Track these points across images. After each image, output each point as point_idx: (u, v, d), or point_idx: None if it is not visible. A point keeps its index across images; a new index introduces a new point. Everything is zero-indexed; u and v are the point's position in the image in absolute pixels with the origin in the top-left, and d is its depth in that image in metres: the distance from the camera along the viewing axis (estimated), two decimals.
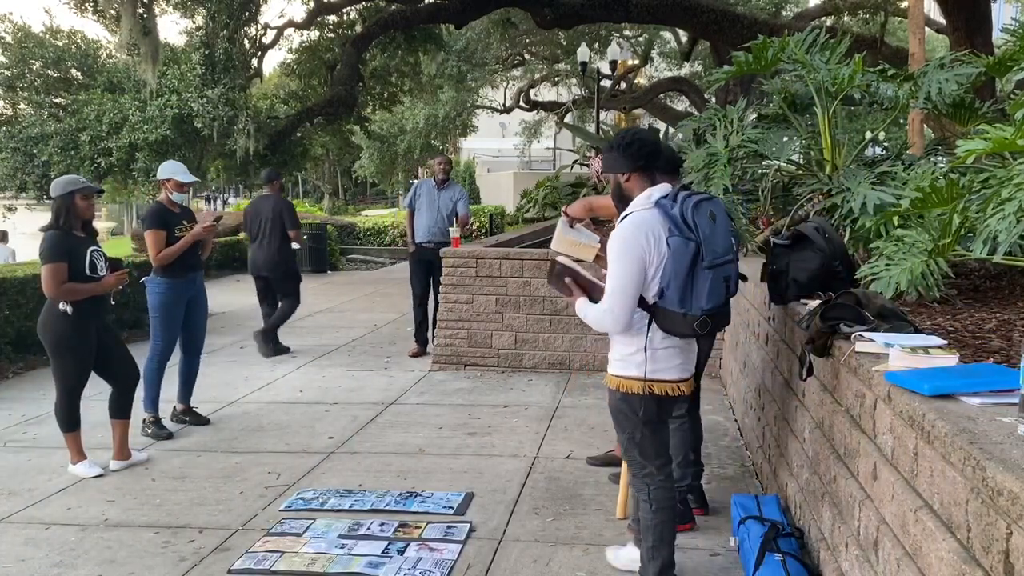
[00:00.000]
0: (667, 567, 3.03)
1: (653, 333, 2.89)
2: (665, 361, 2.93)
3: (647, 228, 2.82)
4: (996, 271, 4.00)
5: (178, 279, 5.38)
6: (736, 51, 4.75)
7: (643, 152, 2.93)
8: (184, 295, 5.44)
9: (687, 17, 13.47)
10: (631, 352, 2.94)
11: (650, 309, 2.87)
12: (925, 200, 2.91)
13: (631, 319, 2.87)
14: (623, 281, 2.82)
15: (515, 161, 38.06)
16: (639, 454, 3.04)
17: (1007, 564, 1.61)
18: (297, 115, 15.72)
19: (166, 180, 5.41)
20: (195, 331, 5.60)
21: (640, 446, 3.03)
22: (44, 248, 4.47)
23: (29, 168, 15.37)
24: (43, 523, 4.02)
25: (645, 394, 2.93)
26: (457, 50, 20.94)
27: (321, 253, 15.53)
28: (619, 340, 2.98)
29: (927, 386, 2.14)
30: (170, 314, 5.38)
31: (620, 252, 2.83)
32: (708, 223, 2.79)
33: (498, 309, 7.09)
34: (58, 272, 4.41)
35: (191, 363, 5.65)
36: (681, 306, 2.80)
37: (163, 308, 5.35)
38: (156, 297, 5.35)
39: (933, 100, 4.20)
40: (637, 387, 2.93)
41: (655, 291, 2.84)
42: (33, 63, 18.28)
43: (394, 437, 5.31)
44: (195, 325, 5.58)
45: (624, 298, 2.83)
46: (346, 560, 3.54)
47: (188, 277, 5.44)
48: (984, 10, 9.08)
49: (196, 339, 5.62)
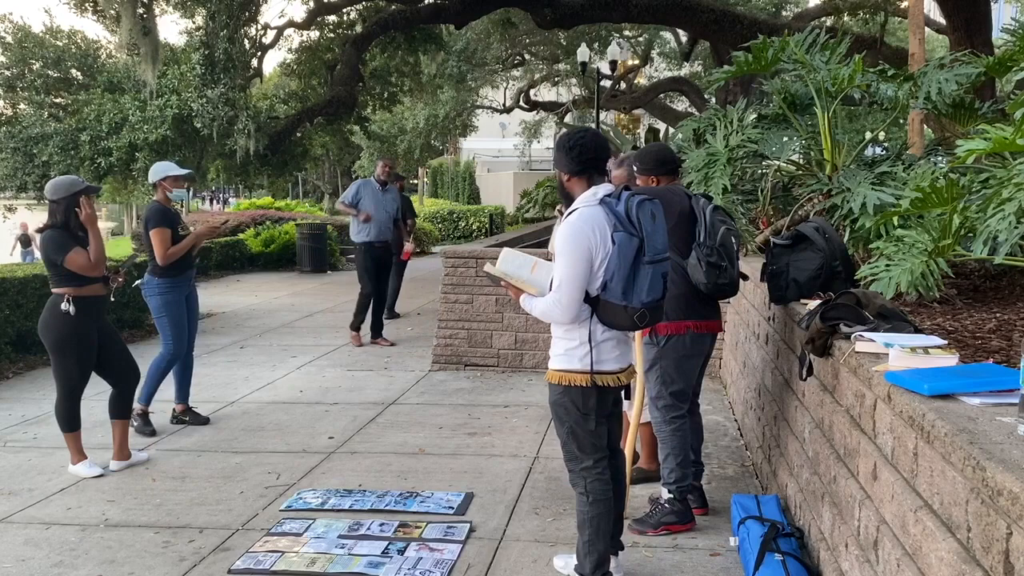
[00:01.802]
0: (603, 561, 3.07)
1: (595, 326, 2.98)
2: (607, 352, 3.01)
3: (593, 223, 2.92)
4: (996, 271, 4.00)
5: (178, 278, 5.41)
6: (736, 51, 4.76)
7: (582, 158, 3.01)
8: (183, 293, 5.48)
9: (687, 17, 13.47)
10: (574, 346, 3.01)
11: (592, 302, 2.95)
12: (925, 200, 2.91)
13: (579, 310, 2.95)
14: (572, 271, 2.90)
15: (515, 161, 38.04)
16: (577, 448, 3.11)
17: (1007, 564, 1.61)
18: (297, 115, 15.71)
19: (161, 180, 5.42)
20: (190, 330, 5.62)
21: (579, 440, 3.09)
22: (50, 248, 4.46)
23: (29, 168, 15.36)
24: (43, 523, 4.02)
25: (589, 386, 3.00)
26: (457, 50, 20.93)
27: (321, 253, 15.51)
28: (561, 335, 3.06)
29: (927, 386, 2.15)
30: (177, 313, 5.42)
31: (568, 245, 2.91)
32: (650, 221, 2.91)
33: (498, 309, 7.09)
34: (82, 254, 4.46)
35: (186, 362, 5.65)
36: (623, 299, 2.89)
37: (168, 307, 5.38)
38: (159, 298, 5.36)
39: (933, 100, 4.20)
40: (581, 380, 3.00)
41: (599, 284, 2.93)
42: (33, 63, 18.27)
43: (394, 437, 5.31)
44: (190, 324, 5.61)
45: (572, 289, 2.91)
46: (346, 560, 3.54)
47: (186, 275, 5.48)
48: (984, 10, 9.08)
49: (190, 338, 5.64)
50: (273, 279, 14.50)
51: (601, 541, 3.07)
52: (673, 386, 3.73)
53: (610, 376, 3.03)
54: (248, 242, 16.17)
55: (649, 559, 3.49)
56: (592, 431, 3.07)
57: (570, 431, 3.09)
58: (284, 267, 15.90)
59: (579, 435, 3.08)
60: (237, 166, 15.38)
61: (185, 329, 5.50)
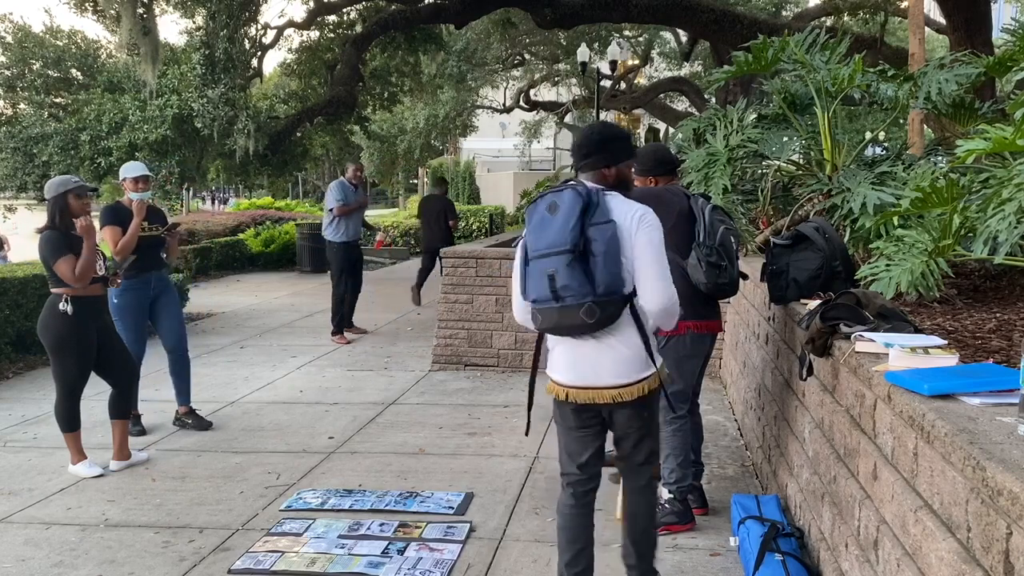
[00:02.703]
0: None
1: None
2: (555, 360, 2.88)
3: None
4: (996, 271, 4.00)
5: (133, 279, 5.24)
6: (736, 51, 4.76)
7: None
8: (143, 296, 5.32)
9: (687, 17, 13.46)
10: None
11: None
12: (925, 200, 2.91)
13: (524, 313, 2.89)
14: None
15: (515, 161, 38.04)
16: (559, 456, 3.03)
17: (1007, 564, 1.61)
18: (297, 115, 15.71)
19: (122, 181, 5.40)
20: (166, 331, 5.47)
21: (559, 448, 3.02)
22: (46, 250, 4.46)
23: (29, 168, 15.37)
24: (43, 523, 4.02)
25: (551, 392, 2.91)
26: (457, 50, 20.92)
27: (321, 253, 15.49)
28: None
29: (927, 386, 2.15)
30: (130, 315, 5.27)
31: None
32: (542, 214, 2.73)
33: (498, 309, 7.08)
34: (71, 262, 4.43)
35: (175, 361, 5.53)
36: (524, 298, 2.80)
37: (119, 311, 5.21)
38: (115, 302, 5.20)
39: (933, 100, 4.20)
40: (549, 385, 2.92)
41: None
42: (33, 63, 18.29)
43: (394, 437, 5.31)
44: (164, 325, 5.45)
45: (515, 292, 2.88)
46: (346, 560, 3.54)
47: (143, 278, 5.30)
48: (984, 10, 9.08)
49: (170, 337, 5.49)
50: (273, 279, 14.50)
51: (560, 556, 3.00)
52: (673, 386, 3.72)
53: (558, 387, 2.90)
54: (248, 242, 16.17)
55: None
56: (561, 441, 2.99)
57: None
58: (284, 267, 15.91)
59: (559, 444, 3.01)
60: (237, 166, 15.38)
61: (138, 333, 5.32)
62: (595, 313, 2.64)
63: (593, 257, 2.64)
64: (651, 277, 2.72)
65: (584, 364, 2.80)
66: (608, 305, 2.66)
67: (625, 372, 2.77)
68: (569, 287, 2.64)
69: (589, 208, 2.67)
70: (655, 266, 2.72)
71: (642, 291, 2.72)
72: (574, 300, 2.64)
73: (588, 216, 2.66)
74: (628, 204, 2.79)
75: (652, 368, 2.81)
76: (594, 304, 2.63)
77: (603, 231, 2.65)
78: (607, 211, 2.70)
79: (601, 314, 2.65)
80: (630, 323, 2.75)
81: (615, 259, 2.66)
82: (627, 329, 2.76)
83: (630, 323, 2.75)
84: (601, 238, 2.65)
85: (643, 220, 2.74)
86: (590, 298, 2.63)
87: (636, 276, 2.72)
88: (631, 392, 2.78)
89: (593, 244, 2.64)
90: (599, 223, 2.66)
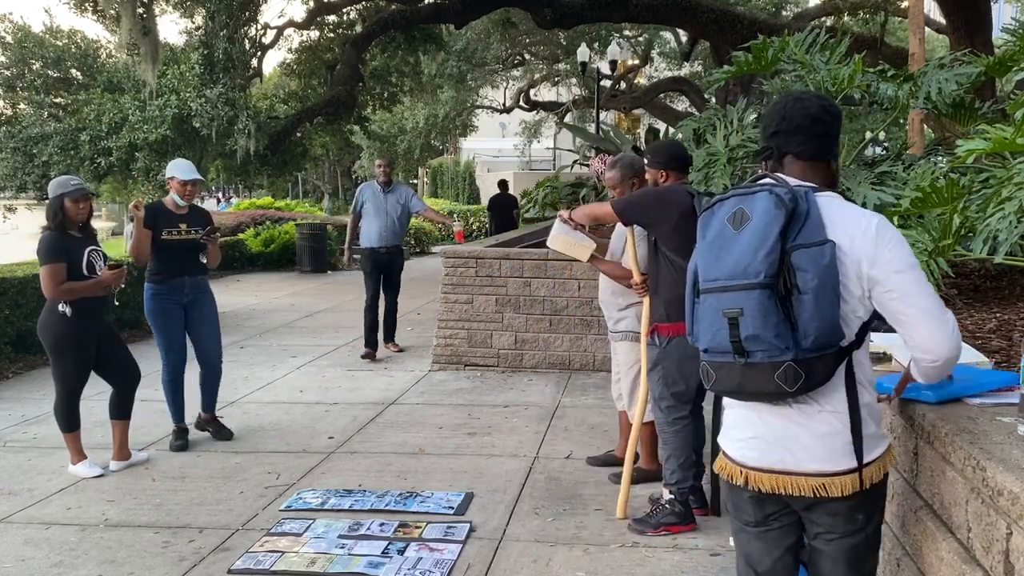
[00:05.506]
0: None
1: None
2: (729, 425, 2.16)
3: None
4: (996, 271, 4.00)
5: (159, 284, 5.04)
6: (736, 51, 4.75)
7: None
8: (174, 301, 5.06)
9: (687, 17, 13.47)
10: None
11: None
12: (925, 200, 2.91)
13: None
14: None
15: (515, 161, 38.02)
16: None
17: (1007, 564, 1.61)
18: (297, 115, 15.72)
19: (169, 179, 5.10)
20: (200, 344, 5.22)
21: (735, 551, 2.29)
22: (41, 250, 4.46)
23: (29, 168, 15.39)
24: (43, 523, 4.01)
25: (721, 471, 2.20)
26: (457, 50, 20.94)
27: (321, 253, 15.51)
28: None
29: (932, 395, 2.14)
30: (158, 321, 5.06)
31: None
32: (722, 226, 2.02)
33: (498, 309, 7.08)
34: (56, 272, 4.40)
35: (205, 372, 5.30)
36: (690, 341, 2.14)
37: (150, 315, 5.08)
38: (145, 305, 5.08)
39: (933, 100, 4.20)
40: (720, 461, 2.22)
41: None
42: (33, 63, 18.31)
43: (394, 437, 5.31)
44: (199, 336, 5.22)
45: None
46: (346, 560, 3.54)
47: (173, 283, 5.03)
48: (984, 10, 9.09)
49: (205, 352, 5.24)
50: (273, 279, 14.50)
51: None
52: (675, 387, 3.73)
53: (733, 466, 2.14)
54: (248, 242, 16.16)
55: (649, 559, 3.49)
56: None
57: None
58: (284, 267, 15.89)
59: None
60: (237, 166, 15.40)
61: (174, 337, 5.09)
62: (797, 378, 1.86)
63: (799, 295, 1.85)
64: (921, 314, 1.88)
65: (773, 438, 2.00)
66: (816, 364, 1.87)
67: (836, 455, 1.94)
68: (760, 338, 1.86)
69: (794, 221, 1.88)
70: (922, 298, 1.88)
71: (912, 336, 1.90)
72: (766, 357, 1.87)
73: (792, 233, 1.87)
74: (853, 212, 1.97)
75: (879, 448, 1.98)
76: (796, 364, 1.86)
77: (816, 257, 1.85)
78: (821, 226, 1.88)
79: (806, 379, 1.87)
80: (842, 384, 1.94)
81: (831, 297, 1.86)
82: (839, 392, 1.95)
83: (842, 384, 1.94)
84: (812, 267, 1.85)
85: (881, 236, 1.91)
86: (790, 355, 1.86)
87: (894, 318, 1.91)
88: (842, 485, 1.93)
89: (799, 275, 1.85)
90: (810, 244, 1.86)
